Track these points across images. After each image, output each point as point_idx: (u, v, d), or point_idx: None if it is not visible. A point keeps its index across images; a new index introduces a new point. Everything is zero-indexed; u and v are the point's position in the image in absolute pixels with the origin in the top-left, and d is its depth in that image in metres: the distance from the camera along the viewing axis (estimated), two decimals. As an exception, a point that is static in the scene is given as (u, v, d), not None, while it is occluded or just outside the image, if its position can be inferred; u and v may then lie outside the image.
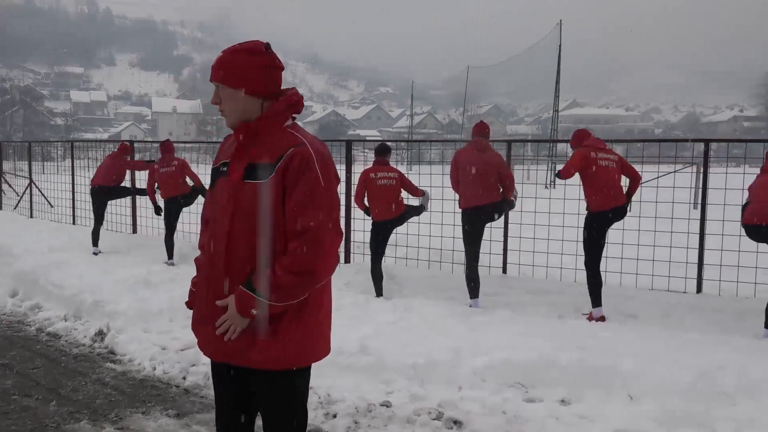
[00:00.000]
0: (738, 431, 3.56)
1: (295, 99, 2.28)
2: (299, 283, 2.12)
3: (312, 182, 2.12)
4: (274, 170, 2.13)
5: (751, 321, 5.71)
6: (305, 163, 2.13)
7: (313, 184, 2.12)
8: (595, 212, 5.91)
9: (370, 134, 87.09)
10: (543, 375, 4.33)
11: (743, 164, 6.91)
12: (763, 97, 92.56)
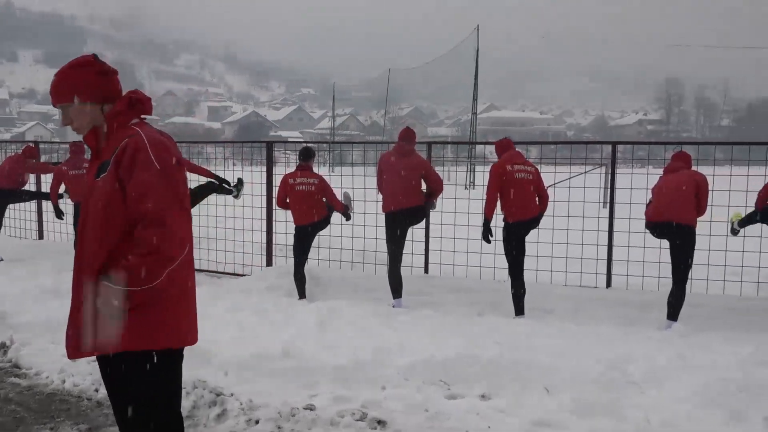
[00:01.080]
0: (645, 417, 3.76)
1: (135, 98, 2.39)
2: (150, 265, 2.17)
3: (146, 167, 2.20)
4: (110, 163, 2.25)
5: (656, 313, 6.06)
6: (137, 150, 2.22)
7: (147, 169, 2.20)
8: (511, 223, 6.12)
9: (292, 135, 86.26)
10: (464, 371, 4.43)
11: (647, 165, 7.32)
12: (664, 101, 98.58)
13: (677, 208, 5.71)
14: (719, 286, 6.75)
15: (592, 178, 10.03)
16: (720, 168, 6.69)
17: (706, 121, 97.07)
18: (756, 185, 6.09)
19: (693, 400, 3.90)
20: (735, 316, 6.24)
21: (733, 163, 6.85)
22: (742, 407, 3.82)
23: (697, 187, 5.72)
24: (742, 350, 4.78)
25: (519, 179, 6.05)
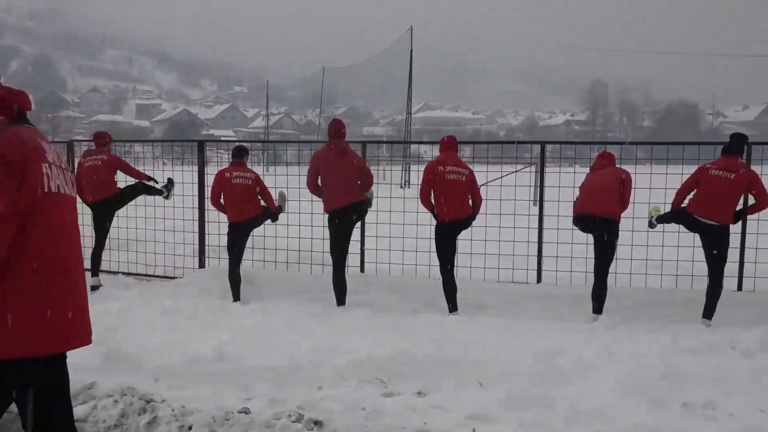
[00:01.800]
0: (574, 407, 3.90)
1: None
2: None
3: None
4: None
5: (583, 307, 6.29)
6: None
7: None
8: (441, 222, 6.21)
9: (225, 134, 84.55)
10: (400, 369, 4.47)
11: (574, 164, 7.59)
12: (590, 103, 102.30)
13: (602, 203, 5.96)
14: (641, 280, 7.07)
15: (523, 176, 10.32)
16: (641, 167, 7.01)
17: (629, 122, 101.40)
18: (674, 183, 6.41)
19: (618, 389, 4.07)
20: (656, 307, 6.55)
21: (653, 161, 7.20)
22: (662, 394, 4.03)
23: (621, 183, 5.99)
24: (663, 340, 5.04)
25: (450, 180, 6.14)
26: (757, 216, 6.56)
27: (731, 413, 3.80)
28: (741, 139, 5.89)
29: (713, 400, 3.95)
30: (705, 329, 5.64)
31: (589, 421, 3.76)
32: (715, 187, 5.71)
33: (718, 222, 5.71)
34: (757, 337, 4.96)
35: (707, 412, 3.85)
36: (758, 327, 5.17)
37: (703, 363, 4.53)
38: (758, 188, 5.67)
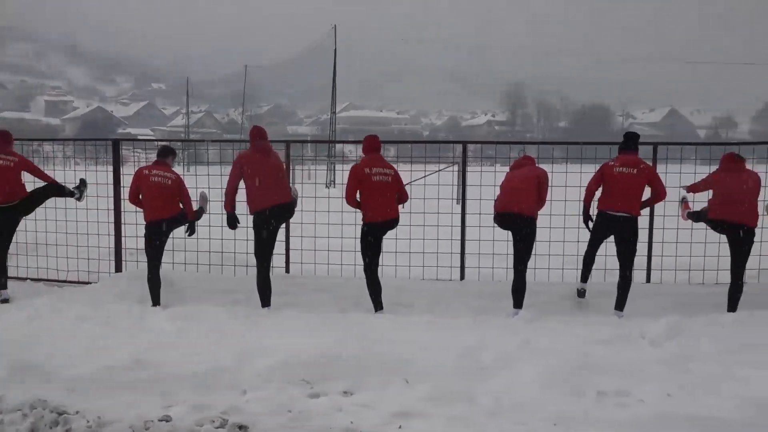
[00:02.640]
0: (497, 400, 4.01)
1: None
2: None
3: None
4: None
5: (505, 302, 6.47)
6: None
7: None
8: (367, 222, 6.25)
9: (143, 133, 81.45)
10: (327, 369, 4.45)
11: (495, 163, 7.79)
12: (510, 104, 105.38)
13: (520, 201, 6.17)
14: (559, 274, 7.35)
15: (446, 175, 10.50)
16: (557, 165, 7.28)
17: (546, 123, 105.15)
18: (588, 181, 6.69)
19: (538, 381, 4.22)
20: (573, 301, 6.83)
21: (569, 161, 7.50)
22: (579, 384, 4.20)
23: (538, 182, 6.21)
24: (579, 332, 5.26)
25: (377, 182, 6.21)
26: (663, 211, 6.96)
27: (642, 399, 4.01)
28: (635, 137, 6.35)
29: (625, 388, 4.15)
30: (617, 320, 5.94)
31: (512, 413, 3.88)
32: (621, 183, 6.09)
33: (629, 213, 6.05)
34: (665, 327, 5.26)
35: (620, 399, 4.04)
36: (665, 317, 5.48)
37: (616, 353, 4.76)
38: (656, 182, 6.15)
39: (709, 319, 5.68)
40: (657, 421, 3.72)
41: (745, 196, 6.12)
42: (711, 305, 6.32)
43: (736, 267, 6.20)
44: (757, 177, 6.26)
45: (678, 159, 7.58)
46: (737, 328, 5.46)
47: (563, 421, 3.76)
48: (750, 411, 3.75)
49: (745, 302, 6.21)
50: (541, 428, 3.71)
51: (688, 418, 3.72)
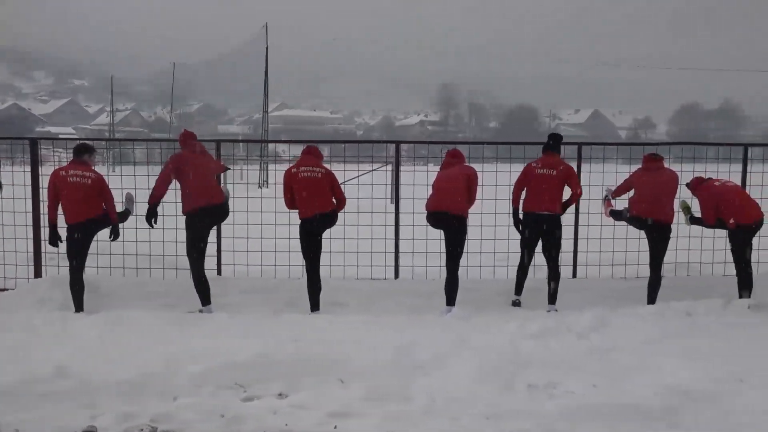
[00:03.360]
0: (431, 397, 4.06)
1: None
2: None
3: None
4: None
5: (439, 300, 6.56)
6: None
7: None
8: (300, 219, 6.25)
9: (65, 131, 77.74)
10: (261, 372, 4.38)
11: (428, 163, 7.88)
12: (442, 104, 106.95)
13: (451, 200, 6.28)
14: (490, 271, 7.52)
15: (379, 175, 10.56)
16: (488, 164, 7.44)
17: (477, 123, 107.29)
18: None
19: (472, 376, 4.30)
20: (503, 297, 7.01)
21: (499, 160, 7.68)
22: (511, 378, 4.32)
23: (468, 181, 6.34)
24: (510, 327, 5.40)
25: (303, 178, 6.24)
26: (588, 209, 7.23)
27: (569, 390, 4.16)
28: (558, 138, 6.61)
29: (554, 380, 4.30)
30: (546, 315, 6.13)
31: (446, 410, 3.94)
32: (543, 184, 6.35)
33: (552, 212, 6.32)
34: (590, 320, 5.47)
35: (549, 391, 4.18)
36: (591, 310, 5.71)
37: (545, 346, 4.92)
38: (573, 181, 6.44)
39: (631, 311, 5.95)
40: (584, 411, 3.86)
41: (663, 194, 6.44)
42: (632, 298, 6.63)
43: (655, 261, 6.52)
44: (674, 175, 6.59)
45: (601, 158, 7.91)
46: (656, 320, 5.75)
47: (495, 414, 3.85)
48: (667, 397, 3.95)
49: (662, 295, 6.53)
50: (473, 423, 3.78)
51: (612, 407, 3.88)
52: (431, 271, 7.38)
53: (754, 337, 5.23)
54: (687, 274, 7.89)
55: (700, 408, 3.89)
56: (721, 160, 8.18)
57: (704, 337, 5.26)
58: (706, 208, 6.56)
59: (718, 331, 5.47)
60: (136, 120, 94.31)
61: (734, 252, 6.53)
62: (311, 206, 6.23)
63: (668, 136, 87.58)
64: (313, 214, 6.22)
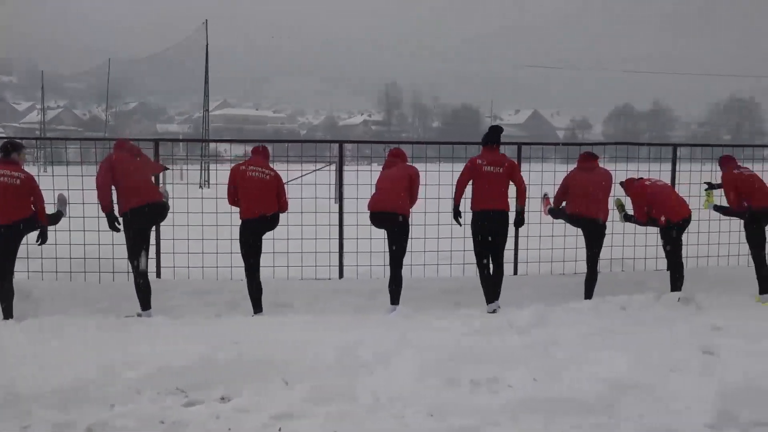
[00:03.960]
0: (376, 396, 4.07)
1: None
2: None
3: None
4: None
5: (383, 299, 6.59)
6: None
7: None
8: (242, 219, 6.16)
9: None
10: (203, 376, 4.29)
11: (371, 162, 7.89)
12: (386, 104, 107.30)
13: (393, 199, 6.31)
14: (434, 270, 7.60)
15: (323, 175, 10.52)
16: (431, 164, 7.52)
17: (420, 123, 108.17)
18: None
19: (415, 374, 4.33)
20: (447, 294, 7.10)
21: (441, 160, 7.78)
22: (454, 373, 4.37)
23: (410, 180, 6.38)
24: (453, 324, 5.47)
25: (251, 177, 6.15)
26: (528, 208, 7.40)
27: (510, 385, 4.24)
28: (498, 129, 6.65)
29: (496, 375, 4.38)
30: (488, 312, 6.24)
31: (390, 407, 3.96)
32: (490, 182, 6.38)
33: (501, 209, 6.37)
34: (530, 316, 5.61)
35: (491, 386, 4.26)
36: (531, 306, 5.85)
37: (487, 342, 5.00)
38: (517, 177, 6.49)
39: (569, 306, 6.13)
40: (525, 404, 3.95)
41: (598, 192, 6.65)
42: (570, 293, 6.83)
43: (591, 258, 6.73)
44: (609, 174, 6.82)
45: (540, 158, 8.11)
46: (593, 314, 5.94)
47: (439, 411, 3.89)
48: (604, 389, 4.08)
49: (599, 290, 6.76)
50: (417, 420, 3.82)
51: (552, 400, 3.98)
52: (375, 270, 7.41)
53: (684, 329, 5.48)
54: (622, 270, 8.19)
55: (634, 398, 4.04)
56: (653, 159, 8.53)
57: (638, 329, 5.48)
58: (638, 206, 6.82)
59: (650, 323, 5.70)
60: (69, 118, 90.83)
61: (665, 248, 6.81)
62: (256, 207, 6.14)
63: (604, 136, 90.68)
64: (256, 215, 6.14)
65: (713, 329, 5.50)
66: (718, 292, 6.81)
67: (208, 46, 32.25)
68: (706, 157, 8.58)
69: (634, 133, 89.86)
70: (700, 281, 7.28)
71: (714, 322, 5.65)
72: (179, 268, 7.34)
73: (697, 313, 6.11)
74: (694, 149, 9.16)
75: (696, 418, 3.82)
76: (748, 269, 7.21)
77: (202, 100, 33.94)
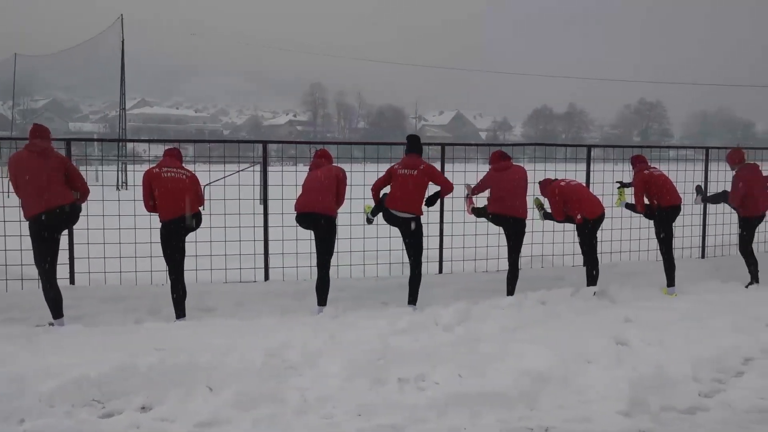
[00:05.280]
0: (303, 398, 4.04)
1: None
2: None
3: None
4: None
5: (310, 300, 6.55)
6: None
7: None
8: (163, 222, 5.95)
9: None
10: (121, 386, 4.12)
11: (296, 163, 7.82)
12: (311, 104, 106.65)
13: (320, 200, 6.27)
14: (361, 270, 7.62)
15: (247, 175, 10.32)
16: (356, 165, 7.54)
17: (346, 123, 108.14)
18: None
19: (343, 374, 4.34)
20: (375, 294, 7.15)
21: (367, 160, 7.81)
22: (382, 372, 4.40)
23: (337, 181, 6.37)
24: (380, 324, 5.50)
25: (166, 177, 5.97)
26: (452, 207, 7.55)
27: (437, 382, 4.32)
28: (414, 139, 6.77)
29: (423, 373, 4.44)
30: (414, 310, 6.32)
31: (318, 409, 3.94)
32: (404, 185, 6.46)
33: (412, 213, 6.44)
34: (455, 313, 5.72)
35: (418, 384, 4.32)
36: (456, 304, 5.96)
37: (413, 340, 5.06)
38: (439, 178, 6.61)
39: (492, 303, 6.29)
40: (450, 401, 4.03)
41: (516, 191, 6.86)
42: (493, 290, 7.02)
43: (512, 255, 6.94)
44: (524, 172, 7.03)
45: (463, 158, 8.29)
46: (514, 310, 6.13)
47: (367, 410, 3.91)
48: (525, 382, 4.22)
49: (520, 286, 6.97)
50: (346, 420, 3.82)
51: (477, 395, 4.08)
52: (302, 271, 7.35)
53: (599, 321, 5.75)
54: (542, 266, 8.50)
55: (553, 389, 4.21)
56: (569, 159, 8.88)
57: (557, 323, 5.70)
58: (554, 205, 7.09)
59: (568, 317, 5.95)
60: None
61: (581, 244, 7.11)
62: (175, 208, 5.94)
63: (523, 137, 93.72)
64: (176, 216, 5.94)
65: (626, 321, 5.80)
66: (629, 286, 7.19)
67: (124, 43, 31.02)
68: (618, 157, 9.03)
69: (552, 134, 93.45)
70: (613, 275, 7.67)
71: (626, 314, 5.96)
72: (95, 274, 7.03)
73: (611, 306, 6.43)
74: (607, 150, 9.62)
75: (610, 406, 4.02)
76: (657, 263, 7.63)
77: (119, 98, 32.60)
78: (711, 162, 9.45)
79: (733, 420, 3.94)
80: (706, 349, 4.93)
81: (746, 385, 4.41)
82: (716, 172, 9.31)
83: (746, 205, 7.61)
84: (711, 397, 4.28)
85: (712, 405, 4.15)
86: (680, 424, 3.89)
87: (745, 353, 5.01)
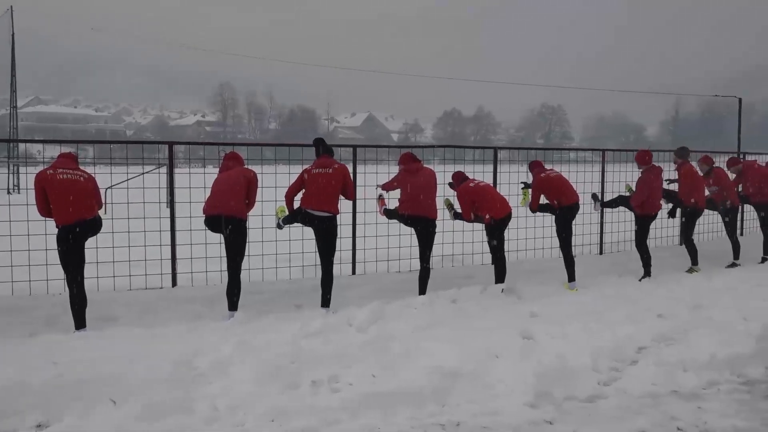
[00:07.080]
0: (214, 406, 3.94)
1: None
2: None
3: None
4: None
5: (220, 305, 6.38)
6: None
7: None
8: (58, 226, 5.63)
9: None
10: (14, 402, 3.87)
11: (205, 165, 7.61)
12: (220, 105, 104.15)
13: (229, 203, 6.12)
14: (273, 273, 7.51)
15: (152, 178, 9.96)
16: (267, 166, 7.42)
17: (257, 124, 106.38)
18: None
19: (254, 380, 4.26)
20: (288, 297, 7.06)
21: (278, 162, 7.71)
22: (294, 376, 4.37)
23: (247, 183, 6.24)
24: (292, 327, 5.45)
25: (62, 179, 5.63)
26: (364, 209, 7.60)
27: (350, 383, 4.33)
28: (321, 140, 6.77)
29: (336, 374, 4.44)
30: (327, 312, 6.30)
31: (230, 416, 3.86)
32: (319, 184, 6.41)
33: (329, 212, 6.41)
34: (368, 314, 5.76)
35: (332, 386, 4.31)
36: (369, 305, 6.00)
37: (327, 342, 5.05)
38: (348, 185, 6.65)
39: (404, 302, 6.38)
40: (364, 401, 4.05)
41: (427, 192, 6.99)
42: (406, 290, 7.11)
43: (424, 255, 7.07)
44: (433, 174, 7.17)
45: (375, 160, 8.36)
46: (426, 308, 6.25)
47: (280, 415, 3.86)
48: (436, 379, 4.31)
49: (432, 285, 7.11)
50: (258, 426, 3.76)
51: (390, 394, 4.13)
52: (211, 276, 7.16)
53: (506, 317, 5.95)
54: (452, 265, 8.71)
55: (464, 385, 4.32)
56: (477, 161, 9.15)
57: (467, 320, 5.86)
58: (464, 205, 7.29)
59: (477, 313, 6.13)
60: None
61: (490, 243, 7.35)
62: (72, 212, 5.60)
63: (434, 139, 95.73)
64: (74, 221, 5.61)
65: (531, 316, 6.05)
66: (534, 282, 7.50)
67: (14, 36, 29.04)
68: (522, 159, 9.40)
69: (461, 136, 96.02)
70: (519, 273, 7.96)
71: (532, 309, 6.22)
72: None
73: (517, 302, 6.68)
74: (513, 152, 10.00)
75: (517, 398, 4.18)
76: (559, 260, 8.01)
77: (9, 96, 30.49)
78: (607, 163, 10.04)
79: (628, 406, 4.20)
80: (604, 340, 5.22)
81: (640, 373, 4.71)
82: (612, 173, 9.91)
83: (644, 205, 8.18)
84: (609, 385, 4.54)
85: (610, 393, 4.40)
86: (582, 412, 4.10)
87: (639, 342, 5.35)
